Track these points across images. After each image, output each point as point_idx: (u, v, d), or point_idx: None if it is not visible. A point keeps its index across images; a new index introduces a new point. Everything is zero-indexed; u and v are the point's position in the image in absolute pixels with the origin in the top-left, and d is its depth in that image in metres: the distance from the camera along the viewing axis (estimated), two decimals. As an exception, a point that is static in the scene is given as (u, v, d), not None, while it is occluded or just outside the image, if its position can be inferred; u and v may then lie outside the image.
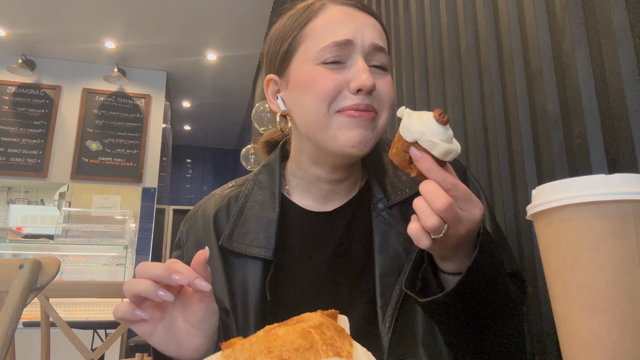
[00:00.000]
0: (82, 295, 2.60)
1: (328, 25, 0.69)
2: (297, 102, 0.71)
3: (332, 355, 0.38)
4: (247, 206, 0.76)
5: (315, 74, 0.67)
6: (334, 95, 0.67)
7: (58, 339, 1.91)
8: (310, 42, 0.70)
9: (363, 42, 0.68)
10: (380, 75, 0.70)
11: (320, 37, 0.69)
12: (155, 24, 4.30)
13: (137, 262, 4.56)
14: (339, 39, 0.67)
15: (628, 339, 0.37)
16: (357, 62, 0.67)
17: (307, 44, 0.70)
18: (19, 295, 0.81)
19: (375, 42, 0.69)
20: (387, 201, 0.74)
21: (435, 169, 0.52)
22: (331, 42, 0.67)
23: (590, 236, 0.39)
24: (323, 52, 0.67)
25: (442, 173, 0.53)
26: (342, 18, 0.69)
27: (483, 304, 0.59)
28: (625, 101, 0.70)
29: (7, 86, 4.73)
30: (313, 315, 0.43)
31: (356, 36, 0.68)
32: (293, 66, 0.72)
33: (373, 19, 0.73)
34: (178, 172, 7.31)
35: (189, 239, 0.79)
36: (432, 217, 0.52)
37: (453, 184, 0.53)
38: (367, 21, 0.71)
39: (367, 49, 0.68)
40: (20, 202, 4.89)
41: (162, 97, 5.13)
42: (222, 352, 0.41)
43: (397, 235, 0.71)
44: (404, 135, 0.53)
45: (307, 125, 0.70)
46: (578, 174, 0.77)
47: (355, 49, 0.68)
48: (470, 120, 1.14)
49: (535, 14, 0.90)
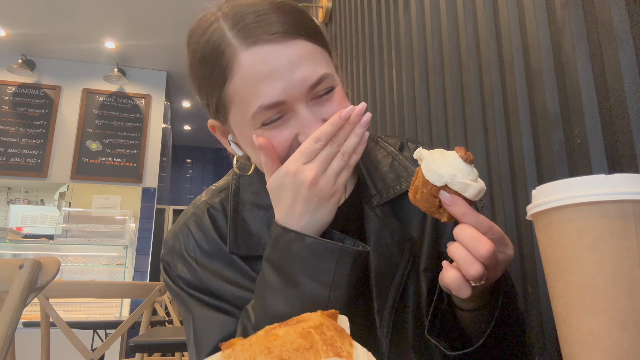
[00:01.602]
0: (82, 295, 2.60)
1: (249, 86, 0.59)
2: (253, 158, 0.67)
3: (332, 355, 0.38)
4: (240, 203, 0.73)
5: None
6: (286, 155, 0.61)
7: (58, 339, 1.91)
8: (237, 106, 0.62)
9: (298, 89, 0.59)
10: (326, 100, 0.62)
11: (245, 101, 0.60)
12: (155, 24, 4.30)
13: (137, 262, 4.57)
14: (266, 102, 0.58)
15: (628, 338, 0.37)
16: (300, 114, 0.60)
17: (235, 108, 0.62)
18: (19, 295, 0.81)
19: (311, 82, 0.59)
20: (380, 198, 0.72)
21: (470, 213, 0.50)
22: (258, 106, 0.59)
23: (590, 236, 0.39)
24: (256, 119, 0.60)
25: (478, 216, 0.51)
26: (263, 71, 0.58)
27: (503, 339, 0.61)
28: (625, 101, 0.70)
29: (7, 86, 4.73)
30: (313, 315, 0.43)
31: (287, 91, 0.58)
32: (232, 124, 0.65)
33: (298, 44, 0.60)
34: (178, 172, 7.32)
35: (190, 251, 0.73)
36: (475, 265, 0.49)
37: (489, 227, 0.51)
38: (292, 57, 0.59)
39: (304, 94, 0.60)
40: (20, 202, 4.90)
41: (162, 97, 5.13)
42: (222, 352, 0.41)
43: (392, 234, 0.69)
44: (432, 180, 0.51)
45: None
46: (578, 174, 0.77)
47: (293, 102, 0.59)
48: (470, 120, 1.14)
49: (535, 13, 0.90)
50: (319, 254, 0.57)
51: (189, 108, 6.22)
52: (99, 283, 2.52)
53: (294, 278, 0.58)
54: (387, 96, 1.68)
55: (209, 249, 0.71)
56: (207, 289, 0.70)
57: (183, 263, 0.72)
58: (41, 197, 5.04)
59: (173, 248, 0.74)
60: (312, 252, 0.57)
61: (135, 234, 4.63)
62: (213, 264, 0.70)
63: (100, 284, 2.38)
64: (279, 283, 0.59)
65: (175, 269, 0.72)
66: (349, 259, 0.57)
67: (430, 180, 0.51)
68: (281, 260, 0.59)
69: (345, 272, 0.57)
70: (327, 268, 0.57)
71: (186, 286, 0.71)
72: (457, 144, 1.20)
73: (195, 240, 0.73)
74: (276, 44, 0.59)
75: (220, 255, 0.71)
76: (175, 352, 2.43)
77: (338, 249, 0.57)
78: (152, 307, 2.06)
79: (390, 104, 1.65)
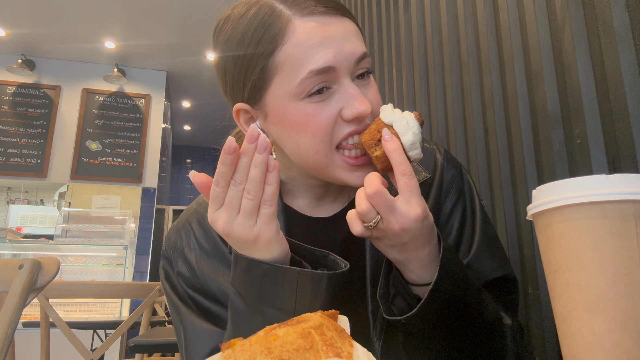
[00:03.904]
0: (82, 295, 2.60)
1: (302, 51, 0.59)
2: (287, 140, 0.63)
3: (332, 355, 0.38)
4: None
5: (303, 114, 0.60)
6: (330, 131, 0.60)
7: (58, 339, 1.91)
8: (284, 73, 0.60)
9: (347, 60, 0.60)
10: (366, 83, 0.64)
11: (295, 67, 0.59)
12: (155, 24, 4.30)
13: (136, 262, 4.57)
14: (317, 66, 0.58)
15: (628, 339, 0.37)
16: (345, 86, 0.60)
17: (282, 76, 0.60)
18: (18, 295, 0.81)
19: (358, 54, 0.61)
20: None
21: (400, 151, 0.55)
22: (309, 71, 0.58)
23: (590, 236, 0.39)
24: (303, 86, 0.59)
25: (403, 157, 0.55)
26: (317, 39, 0.59)
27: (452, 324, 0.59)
28: (625, 101, 0.70)
29: (7, 86, 4.73)
30: (313, 315, 0.43)
31: (338, 58, 0.59)
32: (269, 99, 0.62)
33: (347, 22, 0.63)
34: (178, 172, 7.32)
35: (190, 248, 0.72)
36: (362, 202, 0.54)
37: (409, 171, 0.55)
38: (344, 30, 0.61)
39: (352, 66, 0.61)
40: (20, 202, 4.90)
41: (162, 97, 5.13)
42: (222, 353, 0.41)
43: None
44: (382, 117, 0.59)
45: (304, 164, 0.64)
46: (578, 174, 0.77)
47: (340, 73, 0.60)
48: (470, 120, 1.14)
49: (536, 13, 0.90)
50: (277, 281, 0.55)
51: (189, 108, 6.22)
52: (99, 283, 2.51)
53: (256, 307, 0.57)
54: (387, 96, 1.68)
55: (208, 248, 0.72)
56: (203, 289, 0.70)
57: (183, 261, 0.72)
58: (41, 197, 5.04)
59: (175, 244, 0.74)
60: (269, 280, 0.55)
61: (135, 234, 4.63)
62: (211, 263, 0.70)
63: (100, 284, 2.38)
64: (244, 309, 0.58)
65: (176, 266, 0.72)
66: (309, 283, 0.55)
67: (380, 117, 0.59)
68: (242, 287, 0.58)
69: (306, 298, 0.55)
70: (287, 296, 0.55)
71: (185, 284, 0.71)
72: (457, 144, 1.20)
73: (196, 237, 0.73)
74: (328, 17, 0.61)
75: (219, 255, 0.71)
76: (175, 352, 2.42)
77: (297, 275, 0.55)
78: (152, 307, 2.06)
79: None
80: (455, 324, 0.59)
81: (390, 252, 0.58)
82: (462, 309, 0.59)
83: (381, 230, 0.55)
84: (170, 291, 0.72)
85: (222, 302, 0.69)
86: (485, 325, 0.63)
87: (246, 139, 0.54)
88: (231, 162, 0.54)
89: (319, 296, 0.56)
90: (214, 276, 0.70)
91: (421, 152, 0.58)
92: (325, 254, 0.61)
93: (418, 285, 0.60)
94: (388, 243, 0.57)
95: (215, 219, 0.55)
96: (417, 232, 0.55)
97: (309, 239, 0.73)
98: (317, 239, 0.73)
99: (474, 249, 0.72)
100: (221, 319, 0.68)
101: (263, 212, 0.55)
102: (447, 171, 0.76)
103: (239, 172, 0.54)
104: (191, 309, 0.70)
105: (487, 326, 0.63)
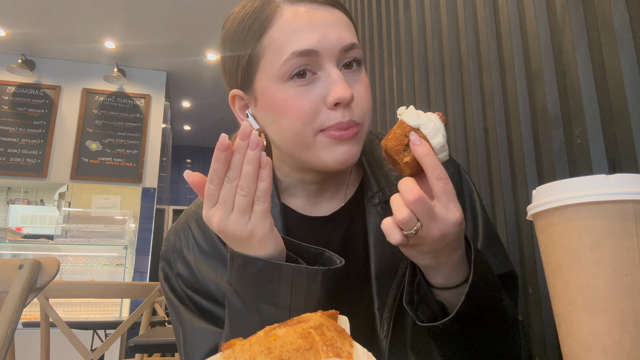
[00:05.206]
0: (81, 295, 2.60)
1: (287, 34, 0.60)
2: (272, 123, 0.64)
3: (332, 355, 0.38)
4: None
5: (286, 96, 0.60)
6: (311, 115, 0.60)
7: (58, 339, 1.91)
8: (270, 56, 0.61)
9: (331, 47, 0.60)
10: (355, 75, 0.64)
11: (279, 49, 0.60)
12: (155, 24, 4.30)
13: (136, 262, 4.57)
14: (300, 47, 0.59)
15: (628, 339, 0.37)
16: (329, 72, 0.61)
17: (268, 58, 0.62)
18: (18, 295, 0.81)
19: (345, 43, 0.61)
20: (383, 195, 0.71)
21: (432, 155, 0.53)
22: (291, 52, 0.59)
23: (590, 236, 0.39)
24: (286, 67, 0.60)
25: (436, 160, 0.53)
26: (302, 22, 0.61)
27: (483, 322, 0.59)
28: (625, 101, 0.70)
29: (7, 86, 4.73)
30: (313, 315, 0.43)
31: (322, 43, 0.60)
32: (258, 83, 0.64)
33: (337, 12, 0.64)
34: (178, 172, 7.31)
35: (188, 249, 0.73)
36: (403, 210, 0.51)
37: (445, 175, 0.53)
38: (331, 19, 0.62)
39: (336, 53, 0.61)
40: (20, 202, 4.90)
41: (162, 97, 5.13)
42: (222, 353, 0.41)
43: None
44: (407, 121, 0.55)
45: (288, 146, 0.64)
46: (578, 174, 0.77)
47: (324, 57, 0.60)
48: (470, 120, 1.14)
49: (536, 13, 0.90)
50: (272, 278, 0.55)
51: (189, 108, 6.22)
52: (99, 283, 2.52)
53: (253, 304, 0.57)
54: (387, 96, 1.68)
55: (207, 249, 0.72)
56: (202, 289, 0.70)
57: (182, 262, 0.72)
58: (41, 197, 5.04)
59: (174, 245, 0.74)
60: (265, 277, 0.55)
61: (135, 234, 4.63)
62: (210, 263, 0.71)
63: (100, 284, 2.38)
64: (241, 307, 0.58)
65: (175, 267, 0.73)
66: (304, 279, 0.55)
67: (406, 121, 0.56)
68: (238, 284, 0.58)
69: (302, 294, 0.55)
70: (283, 292, 0.56)
71: (184, 285, 0.71)
72: (457, 144, 1.20)
73: (194, 238, 0.73)
74: (317, 6, 0.63)
75: (218, 256, 0.71)
76: (175, 352, 2.42)
77: (292, 271, 0.55)
78: (151, 307, 2.06)
79: (391, 103, 1.65)
80: (486, 322, 0.60)
81: (422, 259, 0.57)
82: (492, 307, 0.59)
83: (419, 237, 0.53)
84: (170, 292, 0.72)
85: (221, 302, 0.69)
86: (508, 322, 0.63)
87: (239, 135, 0.54)
88: (224, 159, 0.54)
89: (314, 292, 0.56)
90: (213, 277, 0.70)
91: (448, 154, 0.56)
92: (321, 251, 0.60)
93: (443, 288, 0.60)
94: (423, 250, 0.55)
95: (210, 217, 0.56)
96: (454, 237, 0.55)
97: (307, 238, 0.73)
98: (316, 238, 0.72)
99: (479, 246, 0.72)
100: (220, 319, 0.69)
101: (257, 209, 0.55)
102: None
103: (232, 169, 0.54)
104: (190, 309, 0.70)
105: (509, 322, 0.64)
